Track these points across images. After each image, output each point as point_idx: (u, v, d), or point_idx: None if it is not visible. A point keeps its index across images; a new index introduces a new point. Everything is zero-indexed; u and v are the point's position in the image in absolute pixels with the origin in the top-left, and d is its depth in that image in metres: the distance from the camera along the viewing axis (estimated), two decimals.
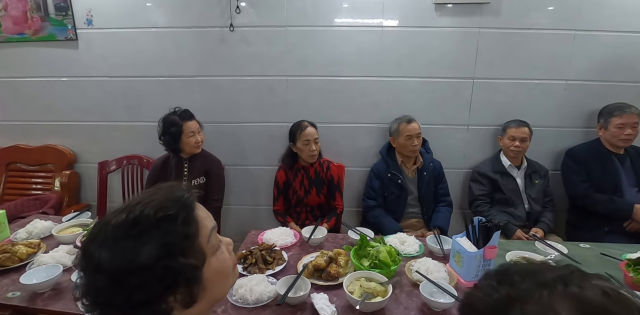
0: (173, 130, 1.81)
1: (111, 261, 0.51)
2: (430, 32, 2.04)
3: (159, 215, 0.54)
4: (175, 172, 1.92)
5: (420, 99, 2.15)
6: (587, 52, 2.02)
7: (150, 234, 0.53)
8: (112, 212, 0.57)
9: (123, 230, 0.53)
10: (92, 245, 0.53)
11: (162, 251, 0.53)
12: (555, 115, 2.12)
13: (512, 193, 2.00)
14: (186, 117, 1.85)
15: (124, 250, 0.52)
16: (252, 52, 2.12)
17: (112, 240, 0.52)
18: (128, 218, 0.54)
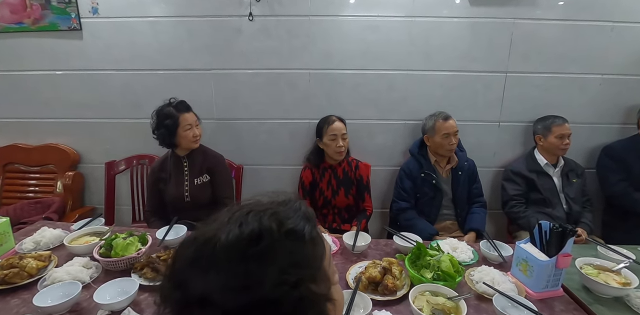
0: (168, 123, 1.61)
1: (228, 292, 0.38)
2: (462, 23, 1.93)
3: (285, 228, 0.42)
4: (174, 172, 1.74)
5: (450, 94, 2.04)
6: (624, 44, 1.94)
7: (275, 253, 0.41)
8: (206, 224, 0.45)
9: (240, 248, 0.40)
10: (194, 271, 0.40)
11: (292, 277, 0.40)
12: (590, 110, 2.04)
13: (550, 193, 1.91)
14: (182, 109, 1.66)
15: (246, 276, 0.39)
16: (272, 43, 1.98)
17: (227, 262, 0.39)
18: (244, 232, 0.41)
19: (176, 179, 1.73)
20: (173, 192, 1.71)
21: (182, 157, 1.76)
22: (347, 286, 1.12)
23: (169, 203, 1.73)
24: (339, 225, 1.95)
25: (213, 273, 0.39)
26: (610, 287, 1.07)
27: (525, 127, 2.08)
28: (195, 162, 1.77)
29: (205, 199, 1.76)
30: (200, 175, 1.77)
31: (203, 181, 1.77)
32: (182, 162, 1.76)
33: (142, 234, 1.31)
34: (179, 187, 1.72)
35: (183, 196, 1.72)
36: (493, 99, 2.05)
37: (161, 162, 1.78)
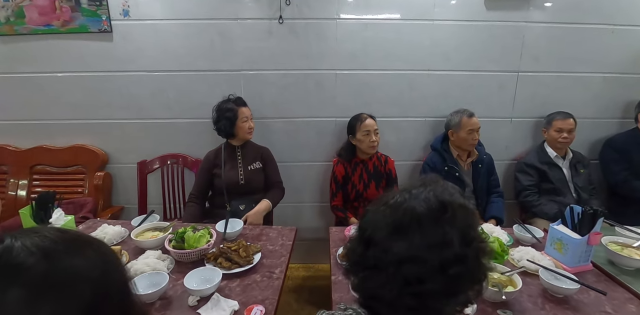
0: (229, 115, 1.83)
1: (433, 249, 0.50)
2: (479, 26, 2.07)
3: (457, 200, 0.54)
4: (228, 159, 1.92)
5: (467, 93, 2.18)
6: (623, 45, 2.12)
7: (456, 219, 0.52)
8: (382, 203, 0.56)
9: (435, 216, 0.51)
10: (399, 237, 0.51)
11: (468, 237, 0.52)
12: (593, 106, 2.22)
13: (560, 183, 2.08)
14: (240, 103, 1.89)
15: (444, 236, 0.50)
16: (301, 45, 2.06)
17: (428, 226, 0.51)
18: (432, 204, 0.52)
19: (230, 164, 1.91)
20: (229, 175, 1.89)
21: (236, 146, 1.94)
22: None
23: (225, 186, 1.87)
24: None
25: (418, 236, 0.50)
26: (633, 259, 1.24)
27: (535, 122, 2.25)
28: (248, 151, 1.96)
29: (258, 183, 1.96)
30: (254, 162, 1.95)
31: (256, 167, 1.95)
32: (236, 151, 1.94)
33: (206, 228, 1.39)
34: (234, 171, 1.90)
35: (238, 179, 1.90)
36: (506, 97, 2.20)
37: (215, 151, 1.96)
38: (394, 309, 0.53)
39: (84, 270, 0.41)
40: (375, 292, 0.53)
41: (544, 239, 1.44)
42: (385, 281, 0.52)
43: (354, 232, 0.61)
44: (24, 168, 2.19)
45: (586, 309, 1.06)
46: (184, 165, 2.24)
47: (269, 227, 1.62)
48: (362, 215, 0.61)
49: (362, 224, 0.58)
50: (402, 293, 0.51)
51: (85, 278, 0.40)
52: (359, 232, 0.58)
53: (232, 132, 1.87)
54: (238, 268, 1.23)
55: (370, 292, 0.54)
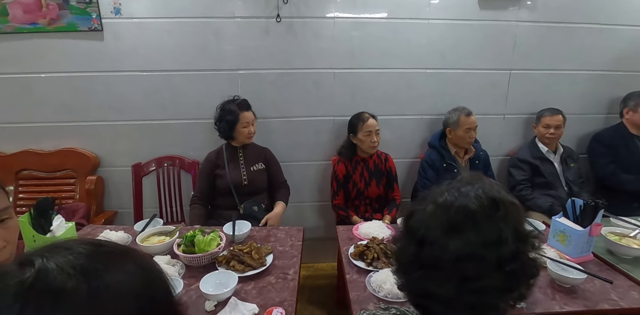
0: (229, 119, 1.82)
1: (490, 247, 0.50)
2: (473, 25, 2.11)
3: (506, 198, 0.55)
4: (230, 160, 1.91)
5: (462, 91, 2.23)
6: (608, 44, 2.21)
7: (508, 216, 0.53)
8: (427, 201, 0.56)
9: (489, 213, 0.52)
10: (454, 235, 0.52)
11: (520, 234, 0.53)
12: (580, 102, 2.31)
13: (552, 177, 2.16)
14: (244, 107, 1.86)
15: (499, 233, 0.51)
16: (299, 44, 2.05)
17: (484, 223, 0.52)
18: (483, 202, 0.53)
19: (233, 165, 1.90)
20: (232, 176, 1.87)
21: (237, 147, 1.92)
22: None
23: (229, 186, 1.86)
24: (371, 215, 2.08)
25: (473, 234, 0.51)
26: (632, 248, 1.30)
27: (526, 118, 2.32)
28: (249, 152, 1.95)
29: (261, 184, 1.96)
30: (256, 163, 1.95)
31: (259, 168, 1.95)
32: (238, 152, 1.93)
33: (214, 230, 1.36)
34: (237, 172, 1.89)
35: (241, 180, 1.89)
36: (499, 94, 2.26)
37: (217, 152, 1.94)
38: (451, 307, 0.53)
39: (128, 285, 0.38)
40: (431, 290, 0.54)
41: (545, 231, 1.48)
42: (443, 279, 0.52)
43: (400, 233, 0.61)
44: (9, 174, 2.08)
45: (594, 298, 1.11)
46: (180, 168, 2.19)
47: (276, 228, 1.61)
48: (408, 216, 0.61)
49: (413, 224, 0.58)
50: (461, 290, 0.52)
51: (130, 293, 0.37)
52: (409, 232, 0.58)
53: (231, 135, 1.87)
54: (251, 270, 1.22)
55: (426, 290, 0.55)
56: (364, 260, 1.28)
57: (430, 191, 0.63)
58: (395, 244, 0.62)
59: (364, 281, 1.19)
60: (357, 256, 1.30)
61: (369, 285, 1.16)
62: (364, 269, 1.25)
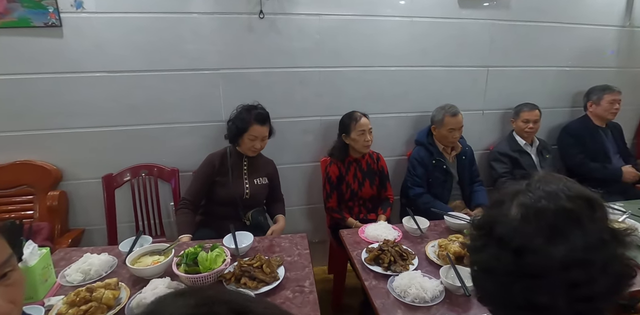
0: (240, 126, 1.71)
1: (590, 249, 0.47)
2: (454, 23, 2.15)
3: (594, 197, 0.52)
4: (234, 168, 1.78)
5: (444, 88, 2.26)
6: (572, 42, 2.37)
7: (604, 215, 0.50)
8: (518, 200, 0.52)
9: (588, 213, 0.49)
10: (555, 240, 0.48)
11: (611, 234, 0.50)
12: (549, 97, 2.45)
13: (530, 168, 2.27)
14: (259, 120, 1.72)
15: (600, 234, 0.48)
16: (283, 42, 1.96)
17: (588, 224, 0.48)
18: (579, 202, 0.50)
19: (236, 174, 1.76)
20: (234, 187, 1.72)
21: (243, 155, 1.79)
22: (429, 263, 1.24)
23: (231, 197, 1.72)
24: (365, 216, 2.04)
25: (578, 238, 0.48)
26: None
27: (503, 113, 2.42)
28: (254, 164, 1.82)
29: (262, 198, 1.85)
30: (260, 177, 1.82)
31: (262, 183, 1.82)
32: (243, 161, 1.79)
33: (216, 244, 1.24)
34: (239, 183, 1.75)
35: (244, 193, 1.76)
36: (478, 91, 2.33)
37: (220, 156, 1.78)
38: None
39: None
40: (538, 301, 0.50)
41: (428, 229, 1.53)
42: (551, 289, 0.48)
43: (480, 242, 0.57)
44: None
45: None
46: (158, 177, 2.01)
47: (277, 237, 1.51)
48: (488, 223, 0.56)
49: (502, 231, 0.53)
50: (570, 299, 0.48)
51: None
52: (500, 241, 0.53)
53: (236, 141, 1.75)
54: (265, 286, 1.12)
55: (531, 302, 0.50)
56: (380, 264, 1.24)
57: (497, 195, 0.60)
58: (476, 254, 0.58)
59: (385, 287, 1.14)
60: (372, 261, 1.25)
61: (393, 291, 1.11)
62: (382, 274, 1.21)
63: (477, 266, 0.57)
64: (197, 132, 2.00)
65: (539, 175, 0.58)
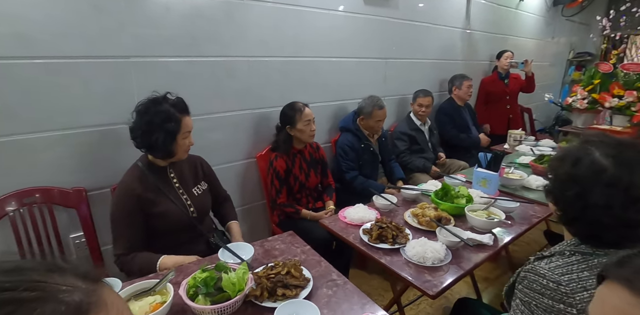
0: (170, 127, 1.26)
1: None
2: (360, 18, 2.36)
3: None
4: (163, 187, 1.35)
5: (356, 78, 2.48)
6: (436, 40, 2.96)
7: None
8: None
9: None
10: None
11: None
12: (426, 84, 2.99)
13: (424, 144, 2.76)
14: (184, 110, 1.32)
15: None
16: (208, 27, 1.73)
17: None
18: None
19: (169, 195, 1.35)
20: (174, 211, 1.34)
21: (165, 167, 1.38)
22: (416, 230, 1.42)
23: (172, 225, 1.34)
24: (313, 205, 2.08)
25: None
26: (515, 179, 1.89)
27: (399, 99, 2.83)
28: (183, 170, 1.45)
29: (208, 209, 1.52)
30: (197, 183, 1.48)
31: (203, 189, 1.49)
32: (168, 174, 1.39)
33: (218, 263, 1.05)
34: (178, 203, 1.37)
35: (188, 213, 1.38)
36: (379, 79, 2.65)
37: (138, 180, 1.31)
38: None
39: None
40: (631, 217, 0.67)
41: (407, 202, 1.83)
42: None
43: (575, 190, 0.72)
44: None
45: (527, 215, 1.58)
46: (51, 203, 1.48)
47: (265, 240, 1.39)
48: (582, 176, 0.72)
49: (609, 177, 0.69)
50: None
51: None
52: (609, 186, 0.68)
53: (171, 151, 1.31)
54: (302, 290, 1.04)
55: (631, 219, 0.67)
56: (385, 241, 1.32)
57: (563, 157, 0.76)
58: (566, 190, 0.72)
59: (401, 259, 1.24)
60: (377, 240, 1.33)
61: (410, 260, 1.22)
62: (389, 249, 1.30)
63: (583, 205, 0.72)
64: (108, 137, 1.57)
65: (589, 136, 0.77)
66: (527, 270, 0.77)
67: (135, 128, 1.28)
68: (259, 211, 2.27)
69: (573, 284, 0.68)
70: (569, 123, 4.02)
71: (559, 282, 0.69)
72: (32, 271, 0.30)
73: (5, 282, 0.28)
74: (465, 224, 1.50)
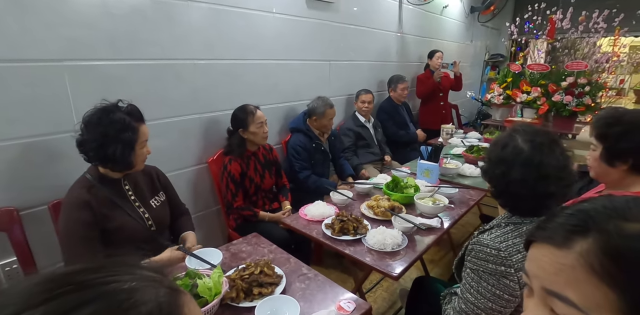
0: (127, 137, 1.19)
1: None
2: (304, 22, 2.43)
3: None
4: (119, 201, 1.27)
5: (303, 79, 2.54)
6: (372, 42, 3.15)
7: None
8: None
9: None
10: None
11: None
12: (366, 84, 3.18)
13: (369, 139, 2.94)
14: (140, 118, 1.27)
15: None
16: (150, 28, 1.66)
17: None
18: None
19: (124, 209, 1.27)
20: (132, 225, 1.27)
21: (119, 179, 1.30)
22: (373, 220, 1.54)
23: (128, 242, 1.26)
24: (270, 207, 2.10)
25: (556, 152, 0.83)
26: (451, 168, 2.12)
27: (344, 99, 2.96)
28: (138, 182, 1.37)
29: (167, 221, 1.45)
30: (155, 195, 1.41)
31: (161, 201, 1.42)
32: (122, 186, 1.31)
33: (189, 270, 1.04)
34: (135, 217, 1.29)
35: (146, 226, 1.31)
36: (324, 81, 2.75)
37: (87, 191, 1.21)
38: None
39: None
40: (549, 190, 0.83)
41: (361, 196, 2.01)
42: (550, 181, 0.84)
43: (502, 168, 0.86)
44: None
45: (465, 199, 1.79)
46: None
47: (230, 244, 1.39)
48: (508, 155, 0.86)
49: (524, 158, 0.84)
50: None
51: None
52: (524, 164, 0.83)
53: (131, 162, 1.23)
54: (277, 287, 1.08)
55: (545, 191, 0.83)
56: (347, 233, 1.41)
57: (498, 141, 0.91)
58: (503, 177, 0.87)
59: (364, 248, 1.34)
60: (340, 233, 1.41)
61: (372, 247, 1.32)
62: (352, 240, 1.39)
63: (507, 181, 0.86)
64: (39, 149, 1.43)
65: (515, 126, 0.93)
66: (473, 243, 0.90)
67: (87, 141, 1.18)
68: (212, 217, 2.22)
69: (510, 249, 0.83)
70: (489, 117, 4.56)
71: (498, 249, 0.83)
72: (119, 267, 0.33)
73: (99, 277, 0.31)
74: (415, 211, 1.65)
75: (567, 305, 0.34)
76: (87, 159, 1.21)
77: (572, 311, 0.33)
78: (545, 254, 0.37)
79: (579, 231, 0.35)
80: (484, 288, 0.84)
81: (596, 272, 0.32)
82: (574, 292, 0.33)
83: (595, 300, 0.32)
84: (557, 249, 0.36)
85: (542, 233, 0.39)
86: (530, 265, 0.40)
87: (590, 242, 0.34)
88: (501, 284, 0.82)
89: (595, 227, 0.34)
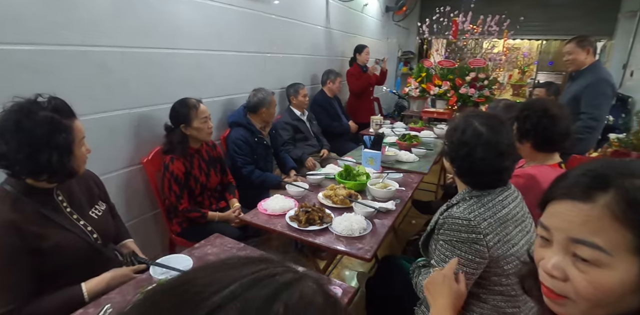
0: (61, 140, 0.98)
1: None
2: (237, 11, 2.32)
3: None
4: (53, 216, 1.05)
5: (239, 72, 2.45)
6: (304, 36, 3.17)
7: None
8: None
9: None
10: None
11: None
12: (299, 77, 3.19)
13: (306, 132, 2.98)
14: (70, 113, 1.04)
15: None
16: (64, 8, 1.40)
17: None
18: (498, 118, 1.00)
19: (61, 224, 1.06)
20: (72, 242, 1.06)
21: (50, 190, 1.08)
22: (333, 209, 1.60)
23: (70, 261, 1.06)
24: (217, 206, 1.99)
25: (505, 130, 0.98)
26: (391, 156, 2.29)
27: (280, 92, 2.93)
28: (73, 190, 1.16)
29: (112, 231, 1.28)
30: (94, 204, 1.22)
31: (102, 210, 1.23)
32: (55, 197, 1.09)
33: (160, 281, 0.95)
34: (76, 231, 1.09)
35: (91, 241, 1.12)
36: (259, 73, 2.68)
37: (12, 210, 0.97)
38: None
39: None
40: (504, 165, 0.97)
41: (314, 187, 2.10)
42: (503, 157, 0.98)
43: (466, 150, 0.98)
44: None
45: (408, 182, 1.96)
46: None
47: (193, 248, 1.29)
48: (469, 138, 0.98)
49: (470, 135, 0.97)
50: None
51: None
52: (486, 144, 0.95)
53: (73, 168, 1.03)
54: None
55: (500, 166, 0.97)
56: (314, 223, 1.43)
57: (454, 126, 1.03)
58: (467, 157, 0.98)
59: (332, 235, 1.38)
60: (306, 224, 1.42)
61: (340, 234, 1.37)
62: (319, 229, 1.41)
63: (470, 160, 0.99)
64: None
65: (462, 113, 1.05)
66: (445, 217, 1.01)
67: (8, 153, 0.93)
68: (149, 224, 2.02)
69: (477, 218, 0.96)
70: (404, 109, 5.01)
71: (469, 219, 0.96)
72: (276, 260, 0.36)
73: (264, 268, 0.33)
74: (367, 196, 1.75)
75: (592, 249, 0.42)
76: (12, 173, 0.97)
77: (596, 253, 0.42)
78: (570, 208, 0.45)
79: (599, 187, 0.43)
80: (458, 255, 0.95)
81: (619, 219, 0.41)
82: (600, 238, 0.42)
83: (617, 242, 0.41)
84: (582, 203, 0.44)
85: (561, 191, 0.47)
86: (551, 220, 0.47)
87: (612, 195, 0.42)
88: (472, 249, 0.94)
89: (614, 183, 0.43)
